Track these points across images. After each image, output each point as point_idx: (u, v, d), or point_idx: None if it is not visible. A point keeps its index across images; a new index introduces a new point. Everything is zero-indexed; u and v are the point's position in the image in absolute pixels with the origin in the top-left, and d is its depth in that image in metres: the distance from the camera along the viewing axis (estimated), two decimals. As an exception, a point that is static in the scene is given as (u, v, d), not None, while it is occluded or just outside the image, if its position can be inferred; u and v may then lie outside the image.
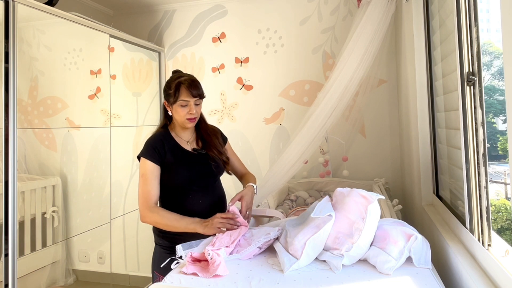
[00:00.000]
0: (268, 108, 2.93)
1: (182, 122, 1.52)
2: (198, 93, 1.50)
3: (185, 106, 1.48)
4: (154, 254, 1.57)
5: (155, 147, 1.48)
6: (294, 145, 2.10)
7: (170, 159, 1.49)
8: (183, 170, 1.50)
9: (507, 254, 0.98)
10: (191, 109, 1.49)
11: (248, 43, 2.97)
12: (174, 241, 1.45)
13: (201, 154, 1.57)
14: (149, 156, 1.47)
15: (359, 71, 2.05)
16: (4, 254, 1.76)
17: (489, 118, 1.61)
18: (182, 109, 1.49)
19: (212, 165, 1.57)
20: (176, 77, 1.53)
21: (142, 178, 1.46)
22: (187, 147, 1.57)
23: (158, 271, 1.51)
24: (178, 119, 1.52)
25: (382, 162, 2.70)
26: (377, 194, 1.21)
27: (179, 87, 1.48)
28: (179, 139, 1.58)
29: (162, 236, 1.52)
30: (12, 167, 1.79)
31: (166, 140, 1.53)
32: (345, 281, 1.04)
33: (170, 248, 1.48)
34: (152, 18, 3.23)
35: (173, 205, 1.50)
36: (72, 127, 2.53)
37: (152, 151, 1.47)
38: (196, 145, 1.61)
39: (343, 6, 2.77)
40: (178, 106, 1.49)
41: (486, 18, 1.67)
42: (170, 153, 1.50)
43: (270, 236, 1.28)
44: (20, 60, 1.92)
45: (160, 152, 1.48)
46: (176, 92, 1.47)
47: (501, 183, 2.85)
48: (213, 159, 1.58)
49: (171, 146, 1.52)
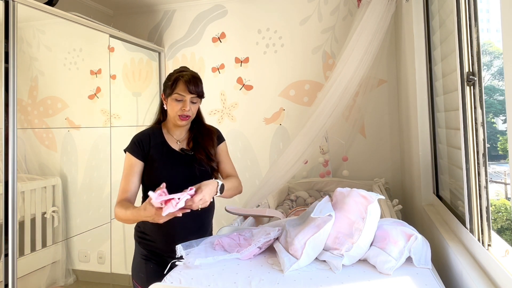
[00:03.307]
0: (268, 108, 2.93)
1: (173, 118, 1.44)
2: (196, 90, 1.42)
3: (179, 101, 1.41)
4: (133, 261, 1.52)
5: (140, 142, 1.44)
6: (294, 145, 2.10)
7: (154, 155, 1.43)
8: (164, 169, 1.43)
9: (507, 254, 0.98)
10: (185, 105, 1.41)
11: (248, 43, 2.97)
12: (149, 248, 1.46)
13: (187, 156, 1.48)
14: (131, 150, 1.43)
15: (359, 71, 2.06)
16: (4, 254, 1.76)
17: (489, 118, 1.61)
18: (176, 103, 1.41)
19: (197, 168, 1.46)
20: (179, 70, 1.48)
21: (123, 172, 1.42)
22: (175, 146, 1.49)
23: (136, 279, 1.47)
24: (171, 114, 1.45)
25: (382, 162, 2.70)
26: (377, 194, 1.21)
27: (178, 80, 1.42)
28: (169, 136, 1.50)
29: (139, 242, 1.49)
30: (12, 167, 1.79)
31: (154, 135, 1.47)
32: (345, 281, 1.04)
33: (146, 256, 1.46)
34: (152, 18, 3.23)
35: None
36: (72, 127, 2.53)
37: (135, 146, 1.43)
38: (186, 145, 1.52)
39: (343, 6, 2.77)
40: (172, 99, 1.42)
41: (486, 18, 1.67)
42: (154, 149, 1.44)
43: (270, 236, 1.28)
44: (20, 60, 1.92)
45: (144, 147, 1.43)
46: (174, 84, 1.41)
47: (501, 183, 2.85)
48: (200, 162, 1.48)
49: (158, 143, 1.46)
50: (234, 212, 1.79)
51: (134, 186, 1.41)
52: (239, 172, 2.96)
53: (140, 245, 1.48)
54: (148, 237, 1.46)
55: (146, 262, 1.45)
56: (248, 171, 2.98)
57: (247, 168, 2.98)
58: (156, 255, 1.46)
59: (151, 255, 1.46)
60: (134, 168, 1.41)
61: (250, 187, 2.94)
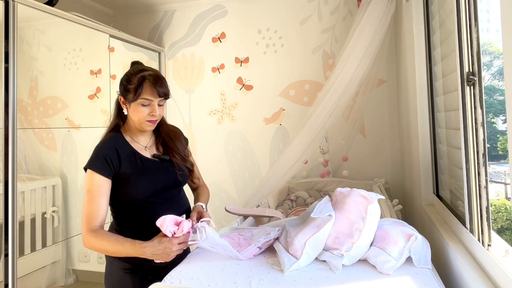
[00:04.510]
0: (268, 108, 2.93)
1: (140, 124, 1.29)
2: (164, 92, 1.28)
3: (146, 106, 1.26)
4: (111, 277, 1.33)
5: (106, 157, 1.24)
6: (294, 145, 2.10)
7: (127, 169, 1.26)
8: (144, 182, 1.28)
9: (507, 254, 0.98)
10: (153, 110, 1.26)
11: (248, 43, 2.97)
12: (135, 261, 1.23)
13: (163, 161, 1.36)
14: (97, 168, 1.22)
15: (359, 71, 2.05)
16: (4, 254, 1.76)
17: (489, 118, 1.62)
18: (143, 109, 1.26)
19: (178, 173, 1.36)
20: (138, 69, 1.30)
21: (87, 194, 1.21)
22: (146, 153, 1.34)
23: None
24: (136, 120, 1.28)
25: (382, 162, 2.70)
26: (377, 194, 1.21)
27: (143, 82, 1.24)
28: (136, 144, 1.34)
29: (119, 258, 1.29)
30: (12, 167, 1.79)
31: (120, 147, 1.29)
32: (345, 281, 1.04)
33: (130, 270, 1.29)
34: (152, 18, 3.23)
35: (131, 222, 1.30)
36: (72, 127, 2.53)
37: (101, 162, 1.23)
38: (156, 150, 1.39)
39: (343, 6, 2.77)
40: (138, 105, 1.25)
41: (486, 18, 1.67)
42: (126, 162, 1.27)
43: (270, 236, 1.28)
44: (20, 60, 1.92)
45: (113, 163, 1.24)
46: (139, 88, 1.24)
47: (501, 183, 2.85)
48: (178, 166, 1.37)
49: (127, 154, 1.29)
50: (234, 212, 1.79)
51: (104, 210, 1.23)
52: (239, 172, 2.98)
53: (122, 260, 1.29)
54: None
55: (132, 275, 1.29)
56: (248, 171, 2.98)
57: (247, 168, 2.98)
58: (144, 266, 1.29)
59: (137, 267, 1.29)
60: (102, 189, 1.22)
61: (250, 187, 2.95)
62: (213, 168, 3.02)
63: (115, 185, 1.26)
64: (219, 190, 3.03)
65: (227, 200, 3.03)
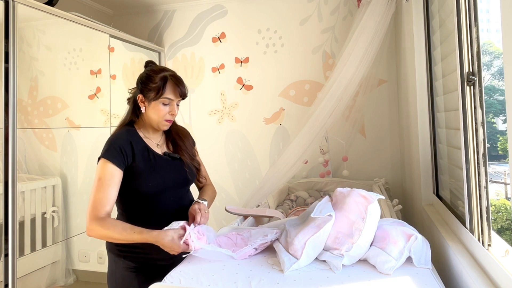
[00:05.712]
0: (268, 108, 2.93)
1: (158, 122, 1.32)
2: (185, 92, 1.33)
3: (166, 105, 1.30)
4: (115, 276, 1.33)
5: (122, 148, 1.25)
6: (294, 145, 2.10)
7: (140, 164, 1.28)
8: (156, 178, 1.30)
9: (507, 254, 0.98)
10: (173, 110, 1.31)
11: (248, 43, 2.97)
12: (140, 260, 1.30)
13: (174, 159, 1.39)
14: (111, 158, 1.23)
15: (359, 71, 2.05)
16: (4, 254, 1.76)
17: (489, 118, 1.62)
18: (163, 108, 1.30)
19: (187, 172, 1.39)
20: (159, 69, 1.33)
21: (98, 182, 1.21)
22: (158, 150, 1.37)
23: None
24: (155, 119, 1.32)
25: (382, 162, 2.70)
26: (377, 194, 1.21)
27: (166, 82, 1.29)
28: (149, 140, 1.37)
29: (124, 256, 1.31)
30: (12, 167, 1.79)
31: (134, 141, 1.31)
32: (345, 281, 1.04)
33: (134, 268, 1.31)
34: (152, 18, 3.23)
35: (138, 216, 1.31)
36: (72, 127, 2.53)
37: (116, 152, 1.24)
38: (166, 148, 1.42)
39: (343, 6, 2.77)
40: (159, 103, 1.29)
41: (486, 18, 1.67)
42: (140, 157, 1.29)
43: (267, 238, 1.27)
44: (20, 60, 1.92)
45: (127, 155, 1.26)
46: (162, 87, 1.27)
47: (501, 183, 2.85)
48: (187, 165, 1.40)
49: (141, 149, 1.31)
50: (234, 212, 1.79)
51: (112, 200, 1.23)
52: (239, 172, 2.98)
53: (126, 259, 1.31)
54: (138, 250, 1.30)
55: (137, 274, 1.31)
56: (248, 171, 2.98)
57: (247, 168, 2.98)
58: (148, 265, 1.33)
59: (142, 266, 1.32)
60: (114, 179, 1.23)
61: (250, 187, 2.95)
62: (213, 168, 3.02)
63: (126, 178, 1.27)
64: (219, 190, 3.03)
65: (227, 200, 3.03)
